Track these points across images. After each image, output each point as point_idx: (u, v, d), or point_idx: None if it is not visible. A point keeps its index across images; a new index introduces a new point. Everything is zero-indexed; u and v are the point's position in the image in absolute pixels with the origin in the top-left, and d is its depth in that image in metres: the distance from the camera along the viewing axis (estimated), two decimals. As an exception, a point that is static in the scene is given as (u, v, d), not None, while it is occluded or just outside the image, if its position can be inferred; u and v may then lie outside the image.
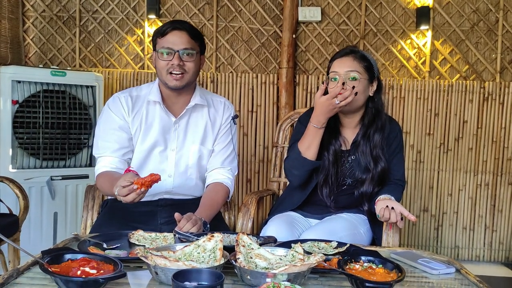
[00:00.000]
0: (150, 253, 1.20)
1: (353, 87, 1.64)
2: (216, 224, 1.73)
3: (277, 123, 3.50)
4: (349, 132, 1.82)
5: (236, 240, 1.28)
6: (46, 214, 2.97)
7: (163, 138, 1.78)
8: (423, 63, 3.53)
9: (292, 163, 1.79)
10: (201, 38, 1.76)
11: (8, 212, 2.30)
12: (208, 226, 1.61)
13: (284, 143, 2.29)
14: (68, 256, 1.16)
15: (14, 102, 2.86)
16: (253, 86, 3.54)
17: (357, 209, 1.82)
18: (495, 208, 3.54)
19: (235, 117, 1.89)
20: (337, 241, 1.51)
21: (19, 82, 2.87)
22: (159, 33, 1.70)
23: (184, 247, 1.29)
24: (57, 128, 2.99)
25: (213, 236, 1.29)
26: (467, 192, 3.55)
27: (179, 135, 1.80)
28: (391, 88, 3.50)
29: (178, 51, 1.66)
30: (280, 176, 2.27)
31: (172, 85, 1.71)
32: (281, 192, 2.24)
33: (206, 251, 1.27)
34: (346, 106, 1.70)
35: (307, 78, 3.53)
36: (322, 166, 1.77)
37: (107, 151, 1.71)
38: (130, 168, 1.54)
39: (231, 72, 3.56)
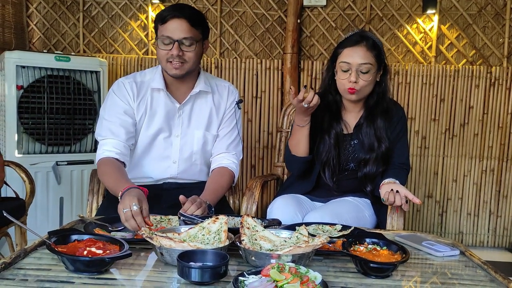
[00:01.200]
0: (155, 234, 1.21)
1: (315, 93, 1.62)
2: (221, 208, 1.74)
3: (281, 109, 3.47)
4: (352, 116, 1.81)
5: (241, 222, 1.29)
6: (52, 199, 2.99)
7: (167, 124, 1.78)
8: (429, 48, 3.50)
9: (286, 159, 1.86)
10: (203, 24, 1.72)
11: (14, 196, 2.32)
12: (213, 209, 1.62)
13: (288, 128, 2.28)
14: (74, 237, 1.17)
15: (19, 87, 2.86)
16: (257, 72, 3.53)
17: (362, 193, 1.82)
18: (500, 194, 3.53)
19: (239, 101, 1.88)
20: (341, 224, 1.52)
21: (24, 67, 2.87)
22: (160, 20, 1.67)
23: (189, 229, 1.29)
24: (62, 113, 2.99)
25: (217, 218, 1.30)
26: (472, 178, 3.54)
27: (183, 121, 1.80)
28: (396, 73, 3.47)
29: (177, 40, 1.63)
30: (284, 161, 2.26)
31: (172, 73, 1.70)
32: (285, 177, 2.24)
33: (211, 233, 1.27)
34: (354, 96, 1.69)
35: (311, 64, 3.51)
36: (323, 148, 1.76)
37: (111, 135, 1.71)
38: (144, 189, 1.48)
39: (235, 57, 3.54)
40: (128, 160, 1.71)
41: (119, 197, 1.45)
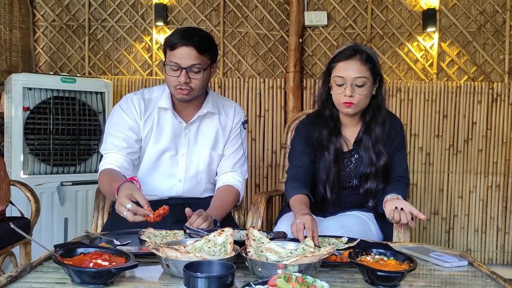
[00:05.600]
0: (161, 246, 1.21)
1: None
2: (226, 223, 1.72)
3: (285, 128, 3.50)
4: (351, 131, 1.80)
5: (247, 234, 1.29)
6: (57, 220, 2.98)
7: (173, 143, 1.79)
8: (431, 65, 3.53)
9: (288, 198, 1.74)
10: (211, 49, 1.72)
11: (20, 215, 2.32)
12: (218, 224, 1.62)
13: (292, 144, 2.29)
14: (80, 250, 1.17)
15: (26, 109, 2.89)
16: (260, 91, 3.56)
17: (367, 208, 1.81)
18: (507, 210, 3.50)
19: (245, 122, 1.90)
20: (347, 237, 1.51)
21: (30, 89, 2.91)
22: (169, 45, 1.67)
23: (195, 241, 1.29)
24: (67, 134, 3.01)
25: (223, 231, 1.29)
26: (478, 194, 3.52)
27: (189, 140, 1.81)
28: (398, 90, 3.50)
29: (185, 68, 1.65)
30: (289, 176, 2.26)
31: (179, 98, 1.72)
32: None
33: (217, 246, 1.27)
34: (350, 110, 1.70)
35: (314, 82, 3.54)
36: (323, 166, 1.76)
37: (114, 149, 1.72)
38: (135, 178, 1.54)
39: (239, 77, 3.59)
40: (130, 174, 1.72)
41: (116, 197, 1.47)
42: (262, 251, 1.26)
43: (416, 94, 3.51)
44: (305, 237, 1.35)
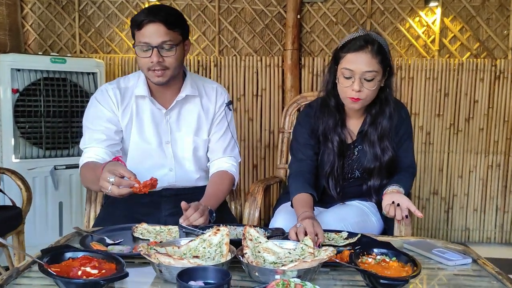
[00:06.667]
0: (154, 249, 1.16)
1: None
2: (222, 215, 1.68)
3: (283, 107, 3.43)
4: (354, 123, 1.72)
5: (243, 234, 1.24)
6: (51, 204, 2.94)
7: (156, 132, 1.72)
8: (432, 41, 3.42)
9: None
10: (181, 24, 1.63)
11: (11, 204, 2.26)
12: (214, 215, 1.57)
13: (290, 129, 2.22)
14: (68, 254, 1.12)
15: (14, 91, 2.81)
16: (257, 70, 3.46)
17: (368, 197, 1.76)
18: (506, 189, 3.47)
19: (229, 103, 1.81)
20: (347, 231, 1.46)
21: (19, 70, 2.81)
22: (135, 25, 1.58)
23: (189, 241, 1.24)
24: (59, 116, 2.93)
25: (219, 230, 1.24)
26: (478, 174, 3.48)
27: (171, 127, 1.74)
28: (399, 68, 3.40)
29: (156, 46, 1.55)
30: (287, 162, 2.21)
31: (155, 81, 1.63)
32: (288, 178, 2.18)
33: (212, 246, 1.22)
34: (356, 106, 1.61)
35: (312, 60, 3.44)
36: (327, 159, 1.69)
37: (93, 142, 1.64)
38: (119, 158, 1.48)
39: (235, 55, 3.48)
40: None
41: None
42: (259, 252, 1.21)
43: (417, 72, 3.42)
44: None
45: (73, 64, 2.99)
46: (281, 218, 1.60)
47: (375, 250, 1.21)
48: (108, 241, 1.35)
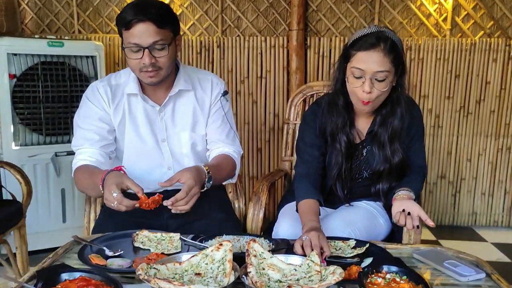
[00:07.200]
0: (154, 268, 1.11)
1: None
2: (225, 217, 1.64)
3: (288, 90, 3.34)
4: (364, 122, 1.64)
5: (247, 249, 1.19)
6: (53, 191, 2.90)
7: (151, 130, 1.65)
8: (444, 20, 3.28)
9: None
10: (172, 20, 1.52)
11: (11, 198, 2.22)
12: (212, 182, 1.50)
13: (296, 120, 2.15)
14: (65, 275, 1.08)
15: (12, 76, 2.73)
16: (261, 50, 3.34)
17: (375, 197, 1.69)
18: (516, 172, 3.41)
19: (224, 93, 1.72)
20: (355, 239, 1.41)
21: (15, 54, 2.72)
22: (123, 24, 1.47)
23: (191, 257, 1.19)
24: (58, 102, 2.86)
25: (221, 245, 1.19)
26: (487, 157, 3.41)
27: (167, 124, 1.66)
28: (408, 49, 3.28)
29: (147, 47, 1.46)
30: (292, 155, 2.14)
31: (148, 82, 1.55)
32: (293, 172, 2.12)
33: (215, 262, 1.17)
34: (367, 108, 1.52)
35: (319, 40, 3.31)
36: (335, 160, 1.62)
37: (86, 143, 1.58)
38: (122, 168, 1.42)
39: (238, 35, 3.35)
40: (107, 168, 1.59)
41: (101, 190, 1.38)
42: (263, 269, 1.16)
43: (428, 53, 3.29)
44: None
45: (71, 47, 2.89)
46: (286, 225, 1.54)
47: (385, 267, 1.16)
48: (108, 252, 1.31)
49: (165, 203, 1.38)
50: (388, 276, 1.14)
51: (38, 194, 2.82)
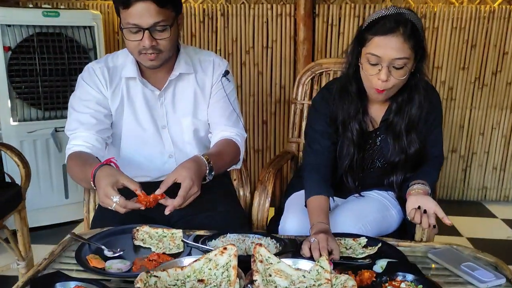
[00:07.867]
0: (155, 276, 1.05)
1: None
2: (230, 210, 1.56)
3: (295, 61, 3.19)
4: (378, 109, 1.53)
5: (253, 255, 1.12)
6: (55, 167, 2.84)
7: (150, 116, 1.56)
8: (462, -15, 3.09)
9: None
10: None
11: (10, 181, 2.16)
12: (213, 173, 1.42)
13: (304, 100, 2.04)
14: (59, 286, 1.02)
15: (6, 49, 2.61)
16: (267, 19, 3.17)
17: (387, 186, 1.61)
18: (530, 146, 3.30)
19: (226, 73, 1.61)
20: (366, 236, 1.34)
21: (9, 26, 2.59)
22: (121, 2, 1.35)
23: (194, 261, 1.13)
24: (56, 75, 2.75)
25: (226, 249, 1.13)
26: (501, 131, 3.29)
27: (167, 110, 1.57)
28: (423, 17, 3.10)
29: (147, 28, 1.35)
30: (299, 136, 2.05)
31: (148, 65, 1.45)
32: (300, 154, 2.03)
33: (219, 268, 1.11)
34: (381, 97, 1.41)
35: (328, 8, 3.13)
36: (346, 150, 1.52)
37: (81, 127, 1.48)
38: (112, 160, 1.34)
39: (243, 3, 3.17)
40: (103, 155, 1.50)
41: (93, 186, 1.30)
42: (270, 275, 1.10)
43: (443, 21, 3.11)
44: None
45: (68, 17, 2.75)
46: (293, 219, 1.47)
47: (400, 275, 1.09)
48: (107, 252, 1.25)
49: (166, 211, 1.32)
50: (403, 285, 1.08)
51: (40, 170, 2.77)
